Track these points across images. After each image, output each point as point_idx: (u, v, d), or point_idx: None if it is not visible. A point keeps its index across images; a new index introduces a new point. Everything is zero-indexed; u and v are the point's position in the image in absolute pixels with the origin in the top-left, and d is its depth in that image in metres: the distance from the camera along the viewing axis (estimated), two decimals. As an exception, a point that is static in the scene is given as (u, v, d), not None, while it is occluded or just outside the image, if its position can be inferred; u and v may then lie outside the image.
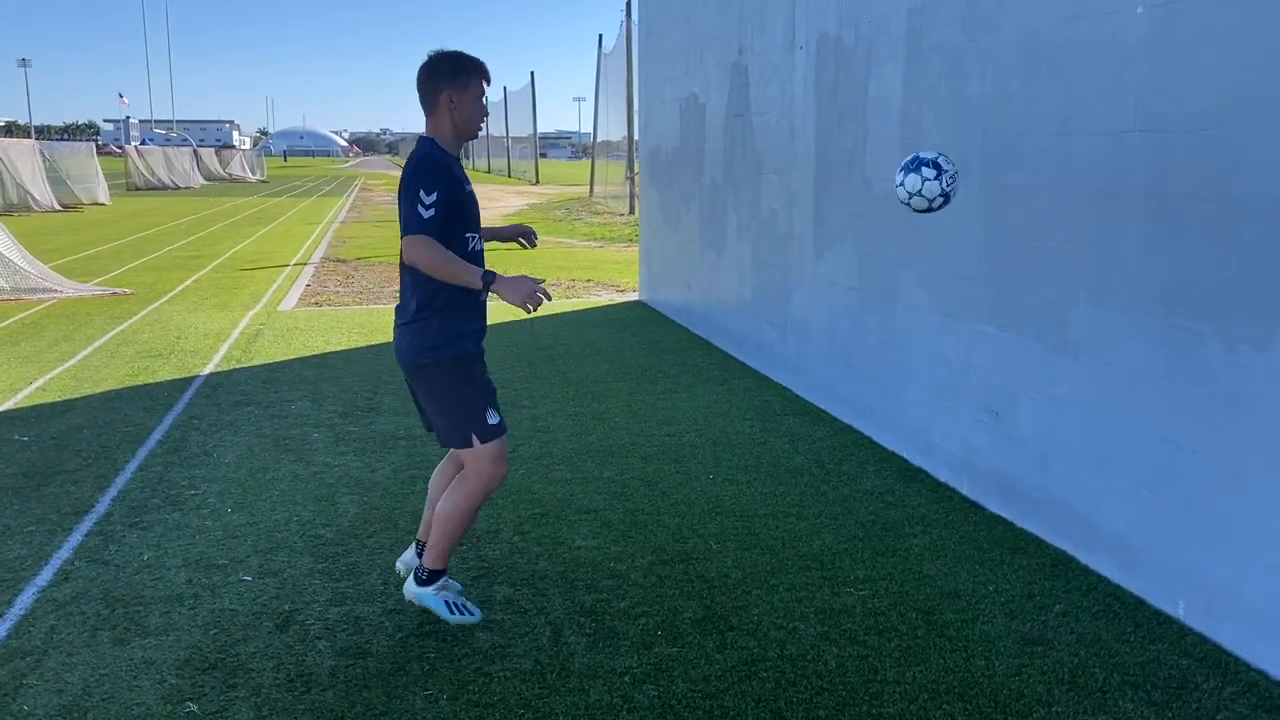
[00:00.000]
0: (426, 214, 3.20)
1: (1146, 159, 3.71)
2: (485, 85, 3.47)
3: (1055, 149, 4.20)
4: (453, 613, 3.57)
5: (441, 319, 3.40)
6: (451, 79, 3.40)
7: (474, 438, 3.42)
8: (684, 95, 9.41)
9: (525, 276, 3.24)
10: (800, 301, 6.86)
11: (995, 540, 4.36)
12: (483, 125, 3.52)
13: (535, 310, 3.29)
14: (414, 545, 3.84)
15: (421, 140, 3.46)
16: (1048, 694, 3.15)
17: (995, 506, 4.69)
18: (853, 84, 5.93)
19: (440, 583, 3.59)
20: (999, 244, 4.59)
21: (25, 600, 3.82)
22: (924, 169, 3.78)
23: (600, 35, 31.68)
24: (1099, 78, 3.93)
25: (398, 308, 3.54)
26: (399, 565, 3.89)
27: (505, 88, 53.20)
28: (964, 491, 4.93)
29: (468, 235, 3.42)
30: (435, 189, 3.22)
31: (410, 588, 3.63)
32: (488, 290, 3.24)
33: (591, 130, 34.79)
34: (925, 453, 5.29)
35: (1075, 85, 4.07)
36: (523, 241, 4.05)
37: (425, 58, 3.44)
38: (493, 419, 3.46)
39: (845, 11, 6.00)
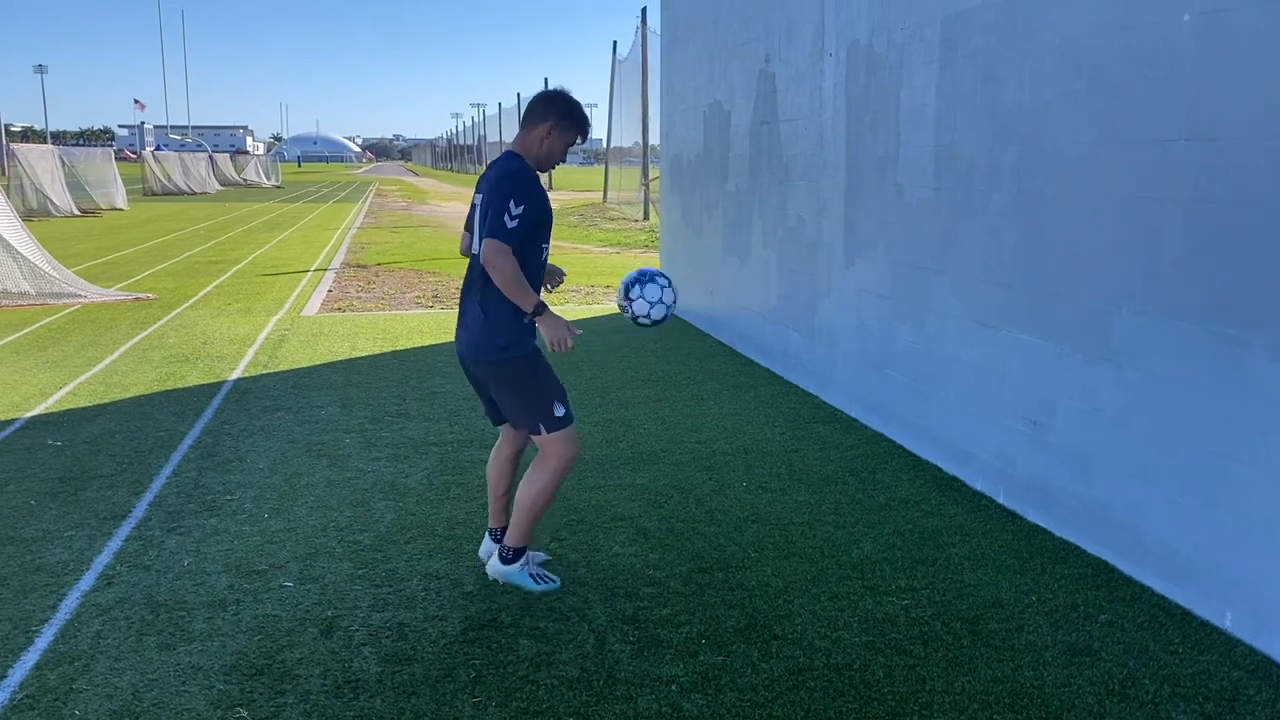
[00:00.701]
0: (510, 224, 3.46)
1: (1194, 167, 3.69)
2: (579, 141, 3.77)
3: (1096, 156, 4.19)
4: (537, 583, 3.87)
5: (513, 315, 3.62)
6: (561, 117, 3.69)
7: (541, 428, 3.70)
8: (708, 102, 9.42)
9: (564, 321, 3.58)
10: (828, 309, 6.85)
11: (1035, 549, 4.34)
12: (554, 167, 3.83)
13: (559, 350, 3.59)
14: (488, 534, 4.15)
15: (511, 155, 3.71)
16: (1099, 705, 3.13)
17: (1033, 515, 4.68)
18: (885, 91, 5.93)
19: (524, 559, 3.86)
20: (1037, 251, 4.58)
21: (70, 604, 3.84)
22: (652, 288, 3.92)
23: (615, 42, 31.70)
24: (1144, 86, 3.92)
25: (464, 302, 3.76)
26: (481, 554, 4.17)
27: (519, 94, 53.41)
28: (1001, 500, 4.91)
29: (543, 245, 3.73)
30: (524, 202, 3.48)
31: (495, 567, 3.88)
32: (532, 318, 3.56)
33: (604, 136, 34.84)
34: (960, 461, 5.28)
35: (1118, 93, 4.06)
36: (548, 284, 4.04)
37: (554, 88, 3.77)
38: (559, 411, 3.72)
39: (877, 20, 6.00)
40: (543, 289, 3.88)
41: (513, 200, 3.46)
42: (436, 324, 10.24)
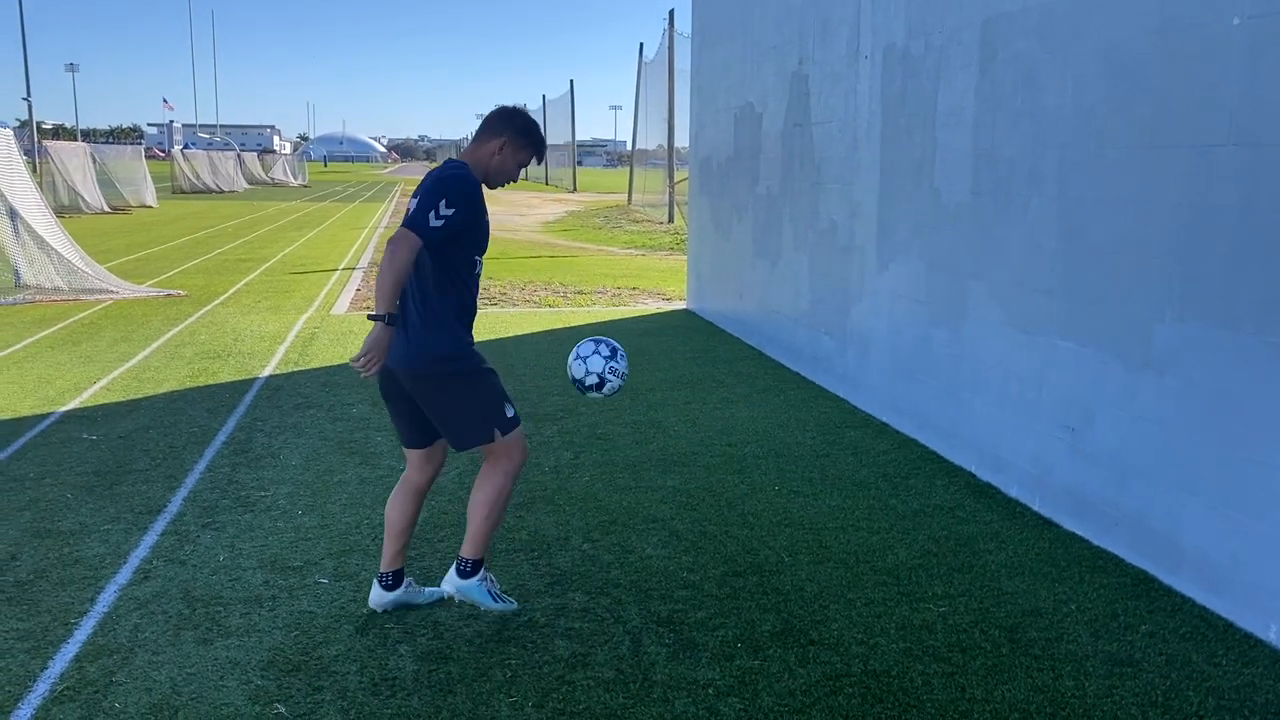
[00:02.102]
0: (435, 222, 3.27)
1: (1240, 173, 3.65)
2: (534, 161, 3.64)
3: (1139, 161, 4.14)
4: (496, 601, 3.61)
5: (454, 328, 3.42)
6: (516, 136, 3.52)
7: (496, 432, 3.48)
8: (739, 105, 9.39)
9: (384, 350, 3.30)
10: (861, 313, 6.81)
11: (1072, 558, 4.30)
12: (502, 185, 3.62)
13: (359, 370, 3.28)
14: (377, 581, 3.74)
15: (458, 162, 3.50)
16: (1142, 717, 3.09)
17: (1070, 523, 4.63)
18: (921, 94, 5.89)
19: (482, 573, 3.61)
20: (1077, 257, 4.54)
21: (108, 598, 3.86)
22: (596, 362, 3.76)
23: (641, 44, 31.74)
24: (1189, 91, 3.88)
25: (406, 315, 3.43)
26: (373, 603, 3.75)
27: (544, 96, 53.57)
28: (1036, 508, 4.86)
29: (476, 258, 3.53)
30: (455, 205, 3.30)
31: (454, 582, 3.59)
32: (372, 318, 3.28)
33: (629, 138, 34.87)
34: (995, 468, 5.23)
35: (1162, 98, 4.02)
36: None
37: (512, 105, 3.64)
38: (509, 411, 3.52)
39: (914, 23, 5.96)
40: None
41: (444, 200, 3.26)
42: (464, 324, 10.24)
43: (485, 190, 3.56)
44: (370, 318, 3.32)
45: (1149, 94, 4.09)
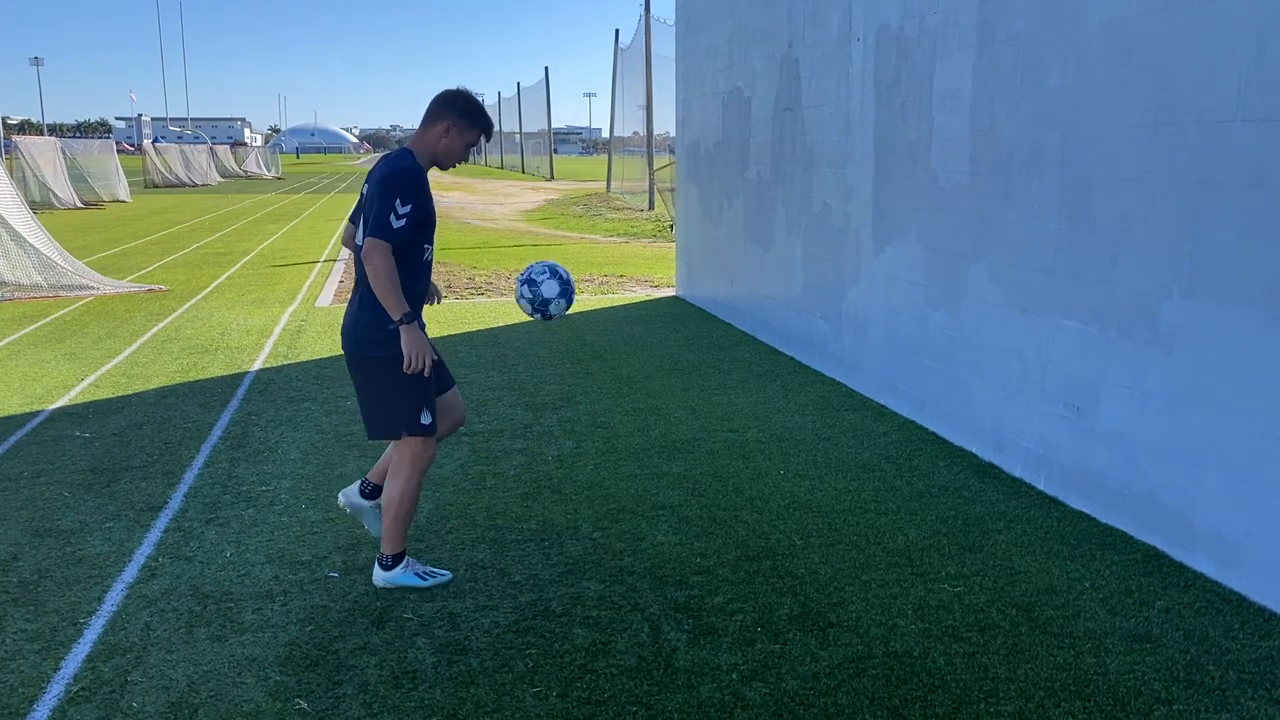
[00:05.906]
0: (397, 224, 3.40)
1: (1249, 149, 3.65)
2: (481, 140, 3.71)
3: (1144, 140, 4.15)
4: (425, 579, 3.82)
5: (387, 317, 3.51)
6: (460, 115, 3.60)
7: (404, 432, 3.64)
8: (727, 89, 9.35)
9: (428, 341, 3.54)
10: (856, 297, 6.81)
11: (1082, 536, 4.31)
12: (453, 166, 3.72)
13: (411, 370, 3.48)
14: (358, 484, 4.06)
15: (404, 151, 3.62)
16: (1166, 692, 3.10)
17: (1076, 502, 4.64)
18: (916, 76, 5.88)
19: (405, 562, 3.83)
20: (1081, 237, 4.54)
21: (115, 596, 3.80)
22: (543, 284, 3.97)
23: (617, 30, 31.66)
24: (1195, 67, 3.88)
25: (354, 294, 3.68)
26: (341, 499, 4.10)
27: (519, 84, 53.29)
28: (1041, 487, 4.88)
29: (425, 246, 3.65)
30: (411, 202, 3.43)
31: (379, 576, 3.82)
32: (396, 325, 3.47)
33: (605, 125, 34.81)
34: (997, 448, 5.24)
35: (1167, 76, 4.02)
36: (430, 299, 4.02)
37: (456, 87, 3.68)
38: (425, 419, 3.65)
39: (908, 3, 5.94)
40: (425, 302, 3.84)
41: (399, 199, 3.40)
42: (451, 314, 10.19)
43: (442, 174, 3.68)
44: (394, 326, 3.47)
45: (1154, 71, 4.09)
